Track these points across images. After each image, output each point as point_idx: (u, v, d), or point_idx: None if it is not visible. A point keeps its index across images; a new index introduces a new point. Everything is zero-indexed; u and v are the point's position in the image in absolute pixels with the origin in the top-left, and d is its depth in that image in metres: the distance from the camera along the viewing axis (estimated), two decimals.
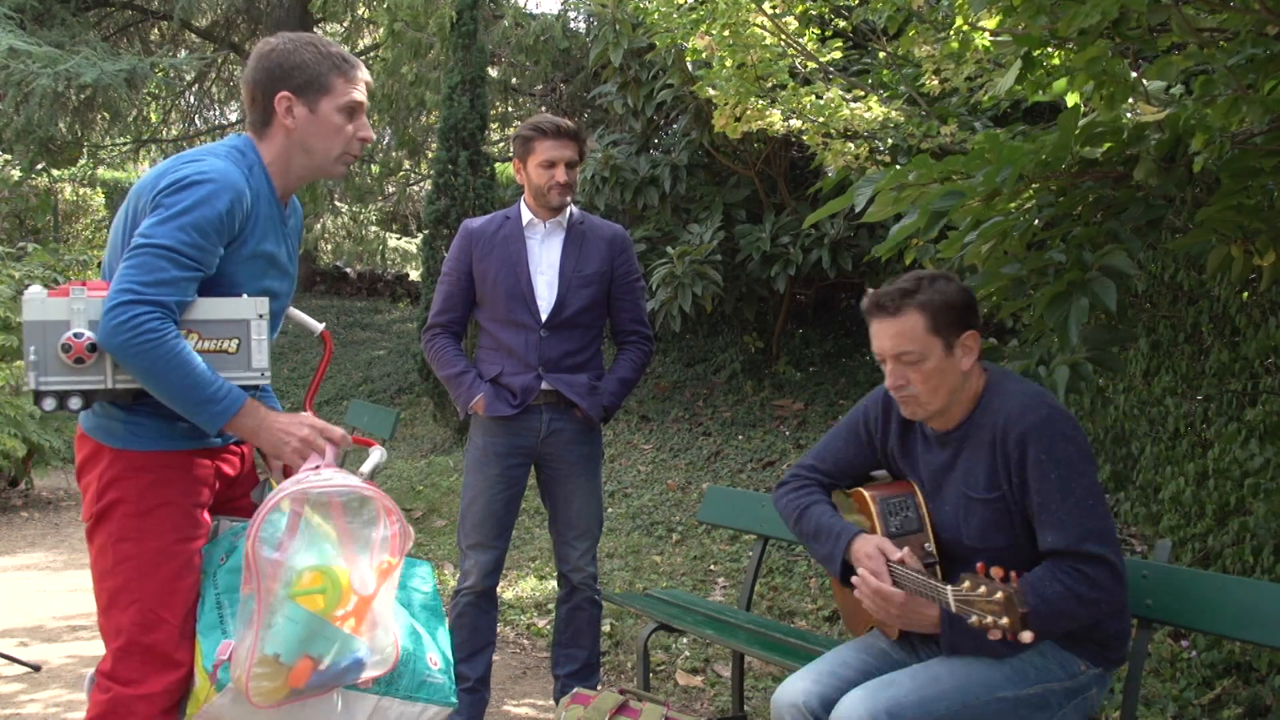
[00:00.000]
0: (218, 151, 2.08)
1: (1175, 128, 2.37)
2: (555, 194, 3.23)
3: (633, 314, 3.39)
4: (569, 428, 3.27)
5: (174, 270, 1.92)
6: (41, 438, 7.01)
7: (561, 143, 3.21)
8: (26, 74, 10.56)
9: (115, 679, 2.04)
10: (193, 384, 1.93)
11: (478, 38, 8.59)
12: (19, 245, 8.56)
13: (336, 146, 2.15)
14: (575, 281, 3.25)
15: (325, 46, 2.14)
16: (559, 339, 3.24)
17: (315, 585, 1.89)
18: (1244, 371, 3.99)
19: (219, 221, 1.97)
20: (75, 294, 1.95)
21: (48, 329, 1.95)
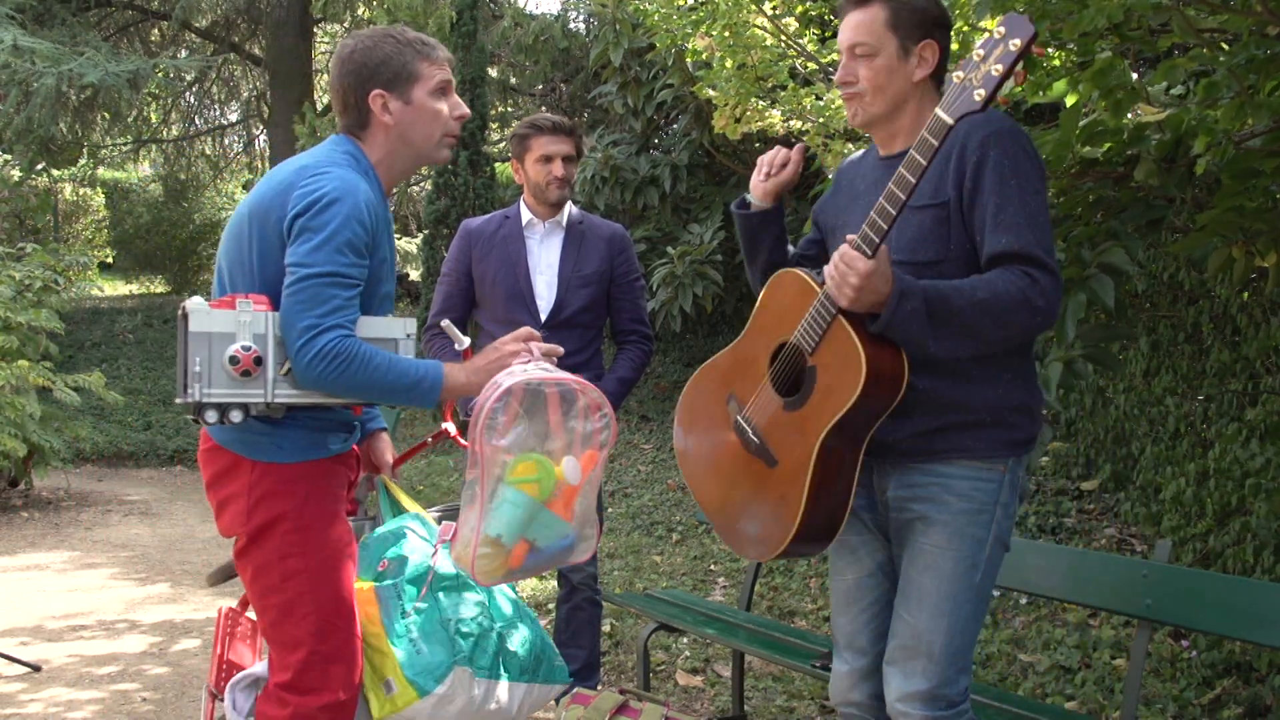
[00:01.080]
0: (336, 160, 2.07)
1: (1176, 128, 2.37)
2: (554, 189, 3.25)
3: (633, 314, 3.39)
4: None
5: (342, 294, 1.98)
6: (41, 438, 7.01)
7: (558, 138, 3.23)
8: (30, 73, 10.56)
9: (296, 690, 2.05)
10: (395, 380, 2.01)
11: (477, 38, 8.59)
12: (19, 245, 8.56)
13: (437, 131, 2.17)
14: (574, 281, 3.26)
15: (403, 35, 2.15)
16: (558, 339, 3.22)
17: (530, 474, 1.99)
18: (1244, 371, 4.00)
19: (366, 235, 2.02)
20: (242, 306, 1.99)
21: (214, 340, 1.96)
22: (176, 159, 17.47)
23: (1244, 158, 2.34)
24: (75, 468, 8.81)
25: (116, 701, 3.80)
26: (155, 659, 4.30)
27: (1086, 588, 2.62)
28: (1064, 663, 3.62)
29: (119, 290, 16.82)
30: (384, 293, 2.18)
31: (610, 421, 2.09)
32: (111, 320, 13.31)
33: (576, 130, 3.32)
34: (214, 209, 16.98)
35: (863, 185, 2.16)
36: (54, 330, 7.58)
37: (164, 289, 16.83)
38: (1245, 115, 2.23)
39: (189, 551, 6.40)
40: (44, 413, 7.09)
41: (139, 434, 9.97)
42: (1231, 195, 2.34)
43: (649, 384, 8.70)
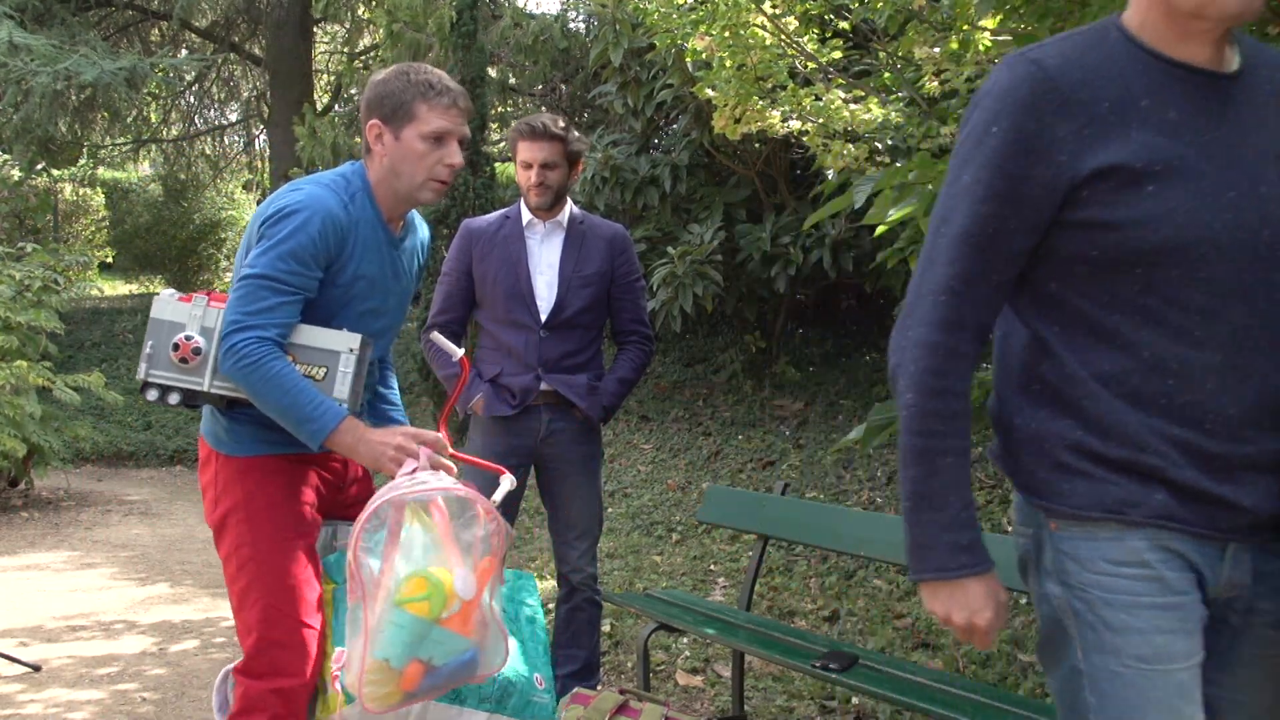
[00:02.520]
0: (322, 179, 2.19)
1: None
2: (532, 195, 3.24)
3: (633, 314, 3.38)
4: (569, 428, 3.26)
5: (273, 297, 2.07)
6: (41, 438, 7.01)
7: (537, 144, 3.20)
8: (26, 71, 10.56)
9: (248, 674, 2.15)
10: (291, 403, 2.05)
11: (477, 38, 8.59)
12: (19, 245, 8.55)
13: (420, 173, 2.20)
14: (575, 282, 3.24)
15: (418, 75, 2.19)
16: (559, 339, 3.23)
17: (419, 592, 1.91)
18: None
19: (313, 247, 2.09)
20: (196, 301, 2.18)
21: (166, 328, 2.17)
22: (176, 159, 17.47)
23: None
24: (75, 468, 8.81)
25: (116, 702, 3.79)
26: (155, 659, 4.30)
27: None
28: None
29: (119, 290, 16.82)
30: (365, 309, 2.24)
31: (502, 526, 2.03)
32: (111, 320, 13.31)
33: (564, 135, 3.22)
34: (214, 209, 16.98)
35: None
36: (54, 330, 7.58)
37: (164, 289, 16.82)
38: None
39: (189, 551, 6.40)
40: (44, 413, 7.09)
41: (139, 434, 9.97)
42: None
43: (649, 384, 8.70)
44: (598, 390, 3.28)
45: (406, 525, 1.94)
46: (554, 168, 3.21)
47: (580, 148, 3.30)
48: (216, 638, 4.62)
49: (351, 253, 2.17)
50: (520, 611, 2.32)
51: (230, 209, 17.27)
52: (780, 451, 6.50)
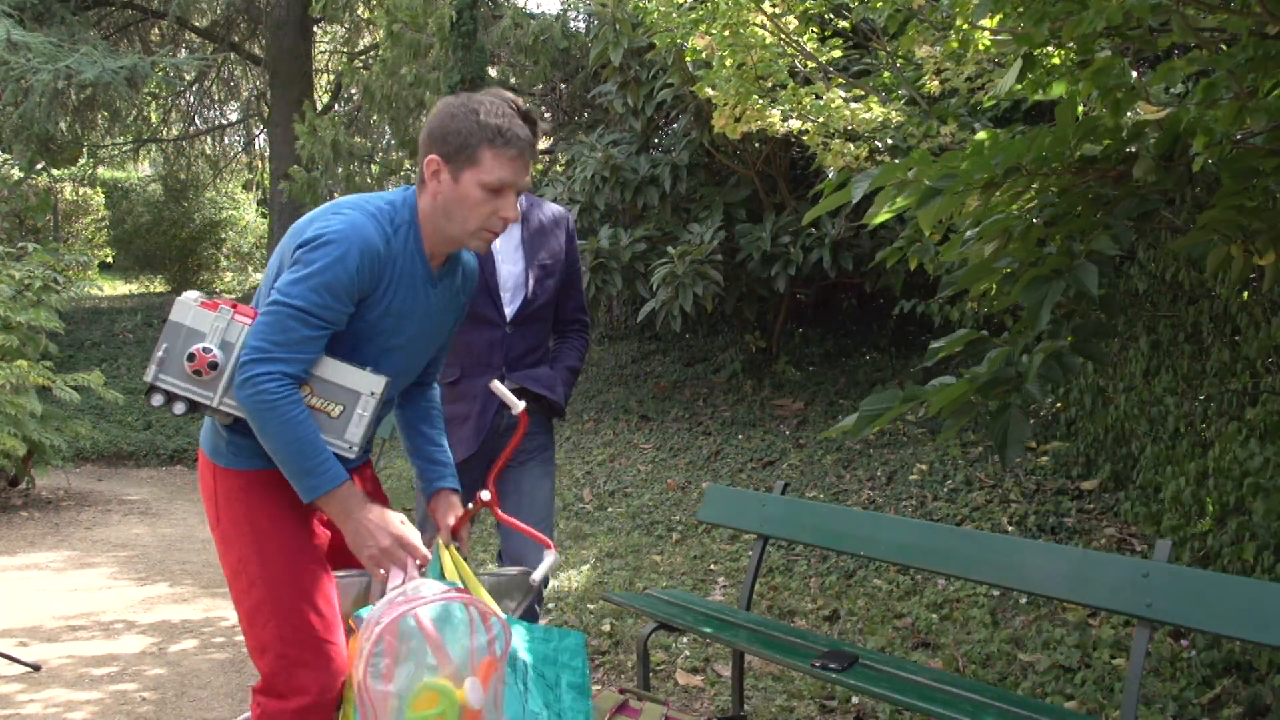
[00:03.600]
0: (368, 205, 2.08)
1: (1175, 128, 2.37)
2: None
3: (578, 301, 3.15)
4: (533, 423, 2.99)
5: (304, 330, 1.99)
6: (42, 436, 7.01)
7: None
8: (25, 70, 10.56)
9: (269, 694, 2.09)
10: (296, 452, 1.98)
11: (477, 38, 8.59)
12: (19, 245, 8.55)
13: (473, 221, 2.09)
14: (538, 273, 2.98)
15: (490, 116, 2.05)
16: (523, 335, 2.98)
17: (433, 708, 1.89)
18: (1244, 371, 3.99)
19: (350, 282, 2.01)
20: (221, 312, 2.06)
21: (184, 334, 2.06)
22: (176, 159, 17.48)
23: (1244, 156, 2.34)
24: (75, 467, 8.81)
25: (116, 702, 3.79)
26: (154, 659, 4.30)
27: (1086, 587, 2.62)
28: (1064, 662, 3.62)
29: (119, 290, 16.82)
30: (391, 345, 2.14)
31: (503, 627, 2.01)
32: (111, 320, 13.31)
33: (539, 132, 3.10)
34: (214, 209, 16.98)
35: None
36: (54, 330, 7.59)
37: (164, 288, 16.83)
38: (1244, 117, 2.23)
39: (189, 551, 6.40)
40: (44, 412, 7.09)
41: (139, 434, 9.97)
42: (1231, 194, 2.33)
43: (649, 384, 8.70)
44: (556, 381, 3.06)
45: (406, 643, 1.91)
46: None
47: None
48: (216, 638, 4.62)
49: (387, 288, 2.07)
50: (562, 677, 2.17)
51: (230, 209, 17.28)
52: (780, 451, 6.50)
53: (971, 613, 4.10)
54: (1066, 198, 2.55)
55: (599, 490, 6.54)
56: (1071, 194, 2.54)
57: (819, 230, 6.72)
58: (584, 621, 4.57)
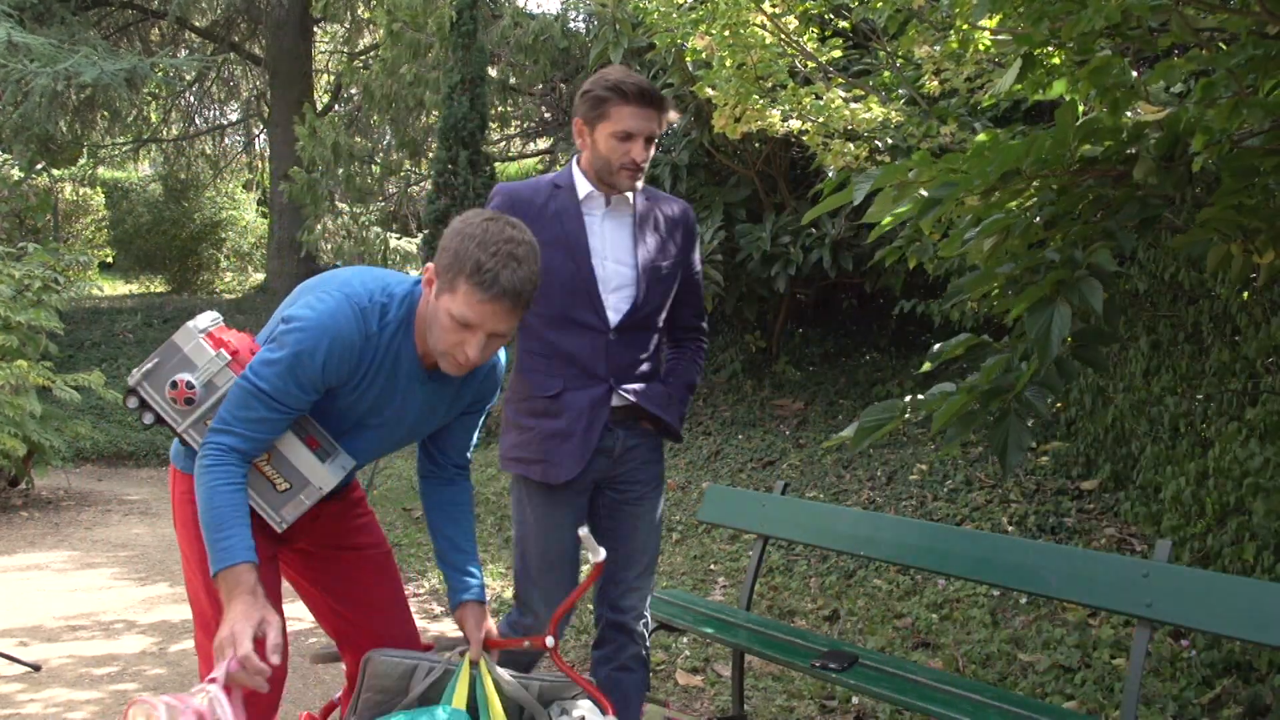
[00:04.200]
0: (358, 293, 2.04)
1: (1175, 127, 2.37)
2: (625, 176, 2.54)
3: (696, 308, 2.78)
4: (643, 445, 2.66)
5: (263, 410, 2.01)
6: (41, 437, 7.01)
7: (645, 111, 2.51)
8: (26, 72, 10.56)
9: None
10: (210, 522, 1.99)
11: (477, 37, 8.59)
12: (19, 245, 8.56)
13: (441, 344, 2.01)
14: (652, 275, 2.60)
15: (484, 249, 1.93)
16: (629, 343, 2.60)
17: None
18: (1244, 371, 3.99)
19: (315, 375, 2.01)
20: (220, 355, 2.11)
21: (179, 359, 2.12)
22: (176, 159, 17.50)
23: (1243, 155, 2.34)
24: (75, 467, 8.82)
25: (115, 702, 3.79)
26: (154, 659, 4.30)
27: (1086, 587, 2.62)
28: (1064, 662, 3.62)
29: (119, 290, 16.82)
30: (368, 424, 2.15)
31: None
32: (111, 320, 13.31)
33: (667, 103, 2.59)
34: (214, 209, 16.99)
35: None
36: (54, 330, 7.59)
37: (164, 289, 16.83)
38: (1241, 115, 2.23)
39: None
40: (44, 412, 7.09)
41: (139, 434, 9.97)
42: (1231, 193, 2.33)
43: None
44: (671, 400, 2.69)
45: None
46: (655, 141, 2.56)
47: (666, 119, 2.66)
48: None
49: (362, 379, 2.07)
50: None
51: (230, 209, 17.28)
52: (780, 451, 6.50)
53: (971, 613, 4.10)
54: (1066, 197, 2.55)
55: None
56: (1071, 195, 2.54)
57: (819, 230, 6.72)
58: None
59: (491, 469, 7.24)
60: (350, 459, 2.16)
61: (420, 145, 11.46)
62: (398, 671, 2.16)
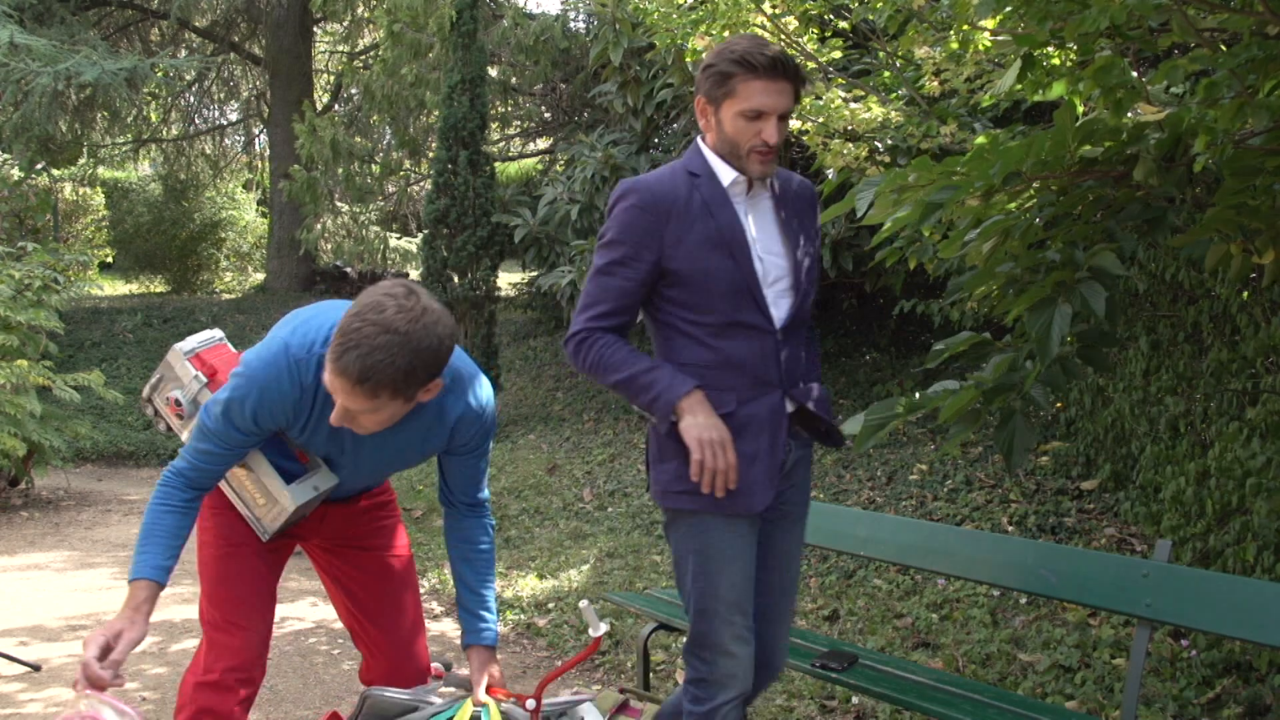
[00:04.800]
0: (301, 346, 2.05)
1: (1176, 128, 2.37)
2: (756, 160, 2.20)
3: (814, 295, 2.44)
4: (805, 455, 2.39)
5: (209, 445, 2.10)
6: (42, 437, 7.01)
7: (777, 85, 2.16)
8: (26, 72, 10.57)
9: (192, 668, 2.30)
10: (142, 535, 2.09)
11: (477, 38, 8.59)
12: (19, 245, 8.56)
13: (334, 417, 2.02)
14: (807, 263, 2.32)
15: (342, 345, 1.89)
16: (794, 343, 2.30)
17: None
18: (1244, 371, 3.99)
19: (248, 422, 2.08)
20: (198, 378, 2.32)
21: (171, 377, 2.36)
22: (176, 159, 17.49)
23: (1244, 155, 2.34)
24: (75, 467, 8.82)
25: None
26: (155, 659, 4.30)
27: (1086, 587, 2.62)
28: (1064, 662, 3.62)
29: (119, 290, 16.82)
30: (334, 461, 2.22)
31: None
32: (111, 320, 13.31)
33: (802, 73, 2.26)
34: (214, 209, 16.98)
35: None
36: (54, 329, 7.59)
37: (164, 289, 16.83)
38: (1245, 116, 2.23)
39: (188, 551, 6.38)
40: (44, 412, 7.09)
41: (139, 433, 9.97)
42: (1232, 193, 2.34)
43: None
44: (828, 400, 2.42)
45: None
46: (785, 119, 2.23)
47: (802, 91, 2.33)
48: None
49: (304, 426, 2.11)
50: None
51: (230, 209, 17.28)
52: None
53: (971, 613, 4.11)
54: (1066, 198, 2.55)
55: (599, 490, 6.54)
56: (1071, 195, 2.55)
57: None
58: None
59: (491, 469, 7.25)
60: (329, 478, 2.22)
61: (420, 145, 11.47)
62: (395, 710, 2.18)
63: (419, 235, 12.10)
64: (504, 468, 7.23)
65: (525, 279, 12.32)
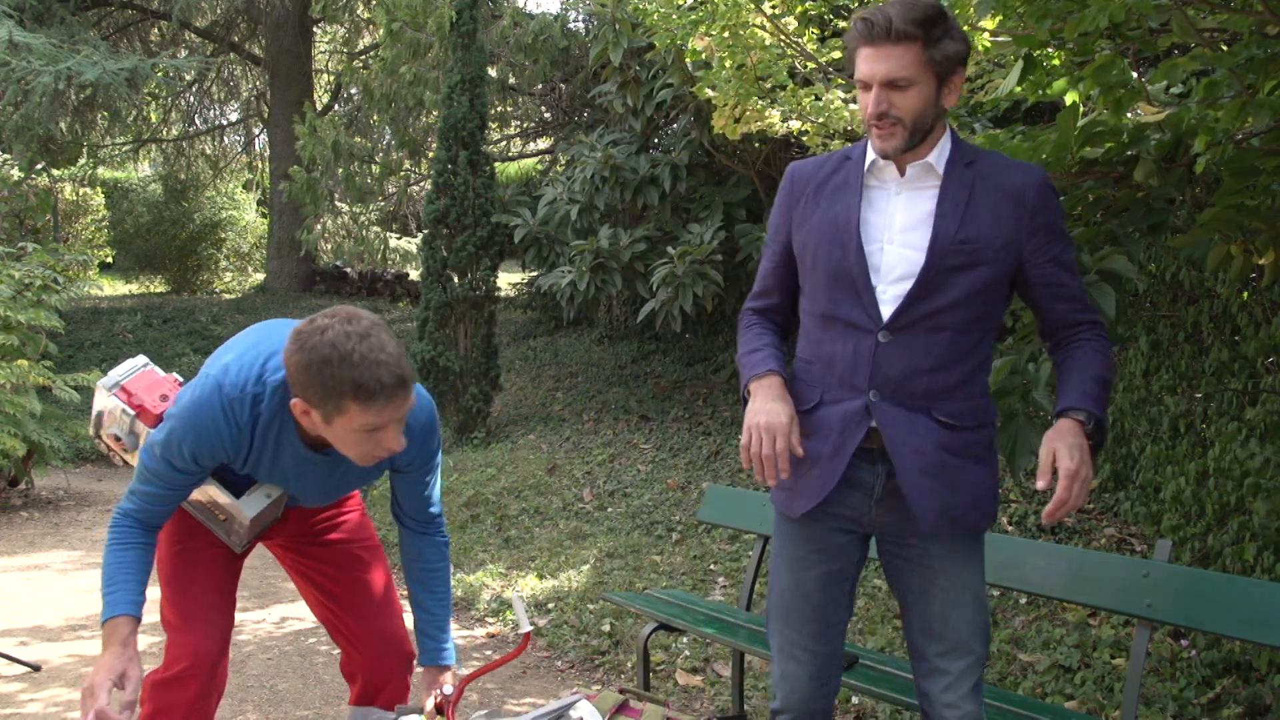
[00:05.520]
0: (231, 385, 2.02)
1: (1176, 128, 2.37)
2: (875, 136, 2.01)
3: (1074, 302, 2.07)
4: (922, 488, 2.03)
5: (154, 487, 2.09)
6: (41, 437, 7.01)
7: (877, 50, 1.96)
8: (27, 71, 10.56)
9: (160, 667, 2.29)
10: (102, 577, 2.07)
11: (477, 37, 8.59)
12: (19, 245, 8.56)
13: (358, 451, 1.98)
14: (950, 258, 1.99)
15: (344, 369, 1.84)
16: (908, 347, 2.03)
17: None
18: (1244, 370, 4.00)
19: (188, 461, 2.06)
20: (125, 411, 2.32)
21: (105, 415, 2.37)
22: (176, 159, 17.49)
23: (1244, 155, 2.34)
24: (75, 467, 8.82)
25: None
26: (155, 659, 4.30)
27: (1086, 587, 2.62)
28: (1064, 662, 3.62)
29: (119, 290, 16.82)
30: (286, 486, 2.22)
31: None
32: (111, 320, 13.31)
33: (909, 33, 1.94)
34: (214, 209, 16.98)
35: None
36: (54, 329, 7.59)
37: (164, 289, 16.83)
38: (1246, 115, 2.23)
39: None
40: (44, 412, 7.09)
41: None
42: (1232, 193, 2.34)
43: (649, 384, 8.70)
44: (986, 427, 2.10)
45: None
46: (905, 87, 1.96)
47: (955, 49, 1.98)
48: None
49: (246, 459, 2.10)
50: None
51: (230, 209, 17.28)
52: None
53: None
54: (1067, 200, 2.55)
55: (599, 490, 6.54)
56: (1072, 196, 2.55)
57: None
58: (584, 621, 4.57)
59: (491, 469, 7.25)
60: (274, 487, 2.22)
61: (420, 145, 11.47)
62: None
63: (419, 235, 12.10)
64: (504, 468, 7.23)
65: (525, 279, 12.32)
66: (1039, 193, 2.01)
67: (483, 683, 4.05)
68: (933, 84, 1.97)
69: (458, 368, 8.41)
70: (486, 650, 4.49)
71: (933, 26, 1.94)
